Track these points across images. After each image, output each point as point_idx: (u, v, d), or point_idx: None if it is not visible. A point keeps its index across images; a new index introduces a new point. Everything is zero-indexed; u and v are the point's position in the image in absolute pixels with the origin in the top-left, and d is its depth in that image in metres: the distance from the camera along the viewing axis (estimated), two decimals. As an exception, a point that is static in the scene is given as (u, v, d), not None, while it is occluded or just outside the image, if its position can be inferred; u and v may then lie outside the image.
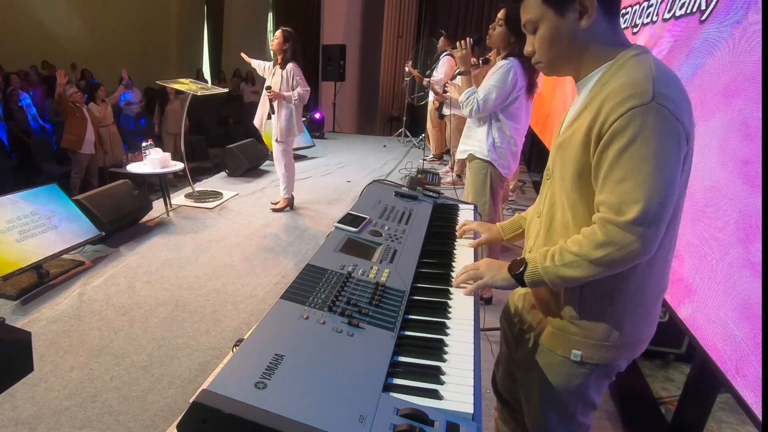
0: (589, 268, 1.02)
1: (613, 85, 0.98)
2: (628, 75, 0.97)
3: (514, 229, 1.48)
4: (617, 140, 0.94)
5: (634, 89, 0.93)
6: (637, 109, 0.92)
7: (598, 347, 1.13)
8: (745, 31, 1.50)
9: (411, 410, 0.77)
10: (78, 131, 5.49)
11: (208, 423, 0.72)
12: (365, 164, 6.71)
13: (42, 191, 3.34)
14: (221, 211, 4.59)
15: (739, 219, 1.44)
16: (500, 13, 2.46)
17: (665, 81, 0.95)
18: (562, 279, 1.06)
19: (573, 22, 1.01)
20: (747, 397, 1.36)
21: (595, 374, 1.18)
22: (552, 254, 1.08)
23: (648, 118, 0.91)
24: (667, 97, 0.92)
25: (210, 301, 2.94)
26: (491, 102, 2.50)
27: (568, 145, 1.07)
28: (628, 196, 0.94)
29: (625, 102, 0.93)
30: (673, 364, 2.57)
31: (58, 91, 5.31)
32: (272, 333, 0.91)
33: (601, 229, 0.99)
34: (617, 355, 1.14)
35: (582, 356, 1.15)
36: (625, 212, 0.95)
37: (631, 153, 0.93)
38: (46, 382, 2.18)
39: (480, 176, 2.71)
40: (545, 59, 1.09)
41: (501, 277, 1.17)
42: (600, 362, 1.15)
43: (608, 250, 0.98)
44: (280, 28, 4.18)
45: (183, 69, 10.78)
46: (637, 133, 0.92)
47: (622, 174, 0.94)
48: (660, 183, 0.92)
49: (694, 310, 1.68)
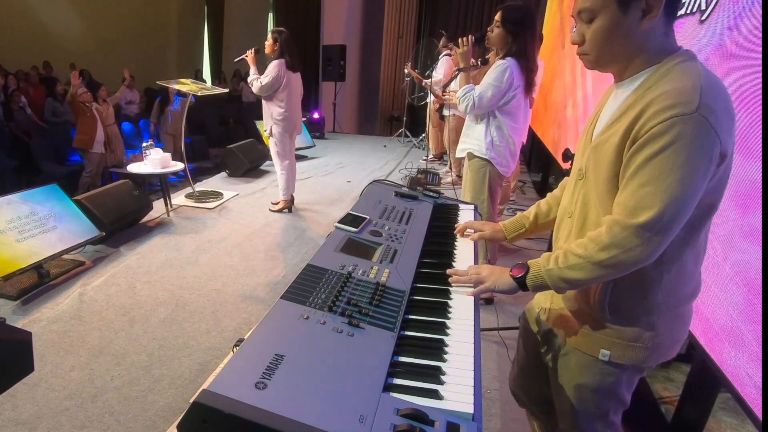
0: (592, 270, 1.02)
1: (659, 91, 0.95)
2: (676, 82, 0.94)
3: (517, 229, 1.48)
4: (651, 145, 0.93)
5: (680, 98, 0.91)
6: (678, 118, 0.90)
7: (629, 348, 1.12)
8: (744, 32, 1.50)
9: (411, 410, 0.77)
10: (89, 131, 5.53)
11: (209, 423, 0.72)
12: (365, 164, 6.71)
13: (42, 191, 3.34)
14: (222, 212, 4.59)
15: (740, 218, 1.44)
16: (497, 15, 2.48)
17: (713, 94, 0.92)
18: (565, 281, 1.06)
19: (634, 20, 0.97)
20: (747, 397, 1.36)
21: (627, 373, 1.17)
22: (556, 257, 1.08)
23: (687, 128, 0.89)
24: (710, 110, 0.90)
25: (210, 302, 2.94)
26: (486, 99, 2.52)
27: (605, 146, 1.05)
28: (646, 201, 0.94)
29: (668, 109, 0.91)
30: (673, 364, 2.56)
31: (71, 91, 5.34)
32: (272, 333, 0.91)
33: (607, 231, 0.99)
34: (647, 356, 1.13)
35: (611, 356, 1.14)
36: (638, 216, 0.94)
37: (660, 160, 0.92)
38: (47, 383, 2.18)
39: (479, 175, 2.73)
40: (594, 53, 1.04)
41: (503, 282, 1.17)
42: (629, 363, 1.14)
43: (613, 252, 0.98)
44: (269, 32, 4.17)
45: (183, 69, 10.79)
46: (671, 141, 0.90)
47: (645, 178, 0.94)
48: (680, 195, 0.92)
49: (694, 309, 1.67)
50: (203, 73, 11.42)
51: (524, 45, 2.48)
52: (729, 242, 1.50)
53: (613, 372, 1.17)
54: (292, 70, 4.15)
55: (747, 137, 1.43)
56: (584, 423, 1.27)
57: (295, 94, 4.26)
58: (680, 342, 1.17)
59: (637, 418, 2.18)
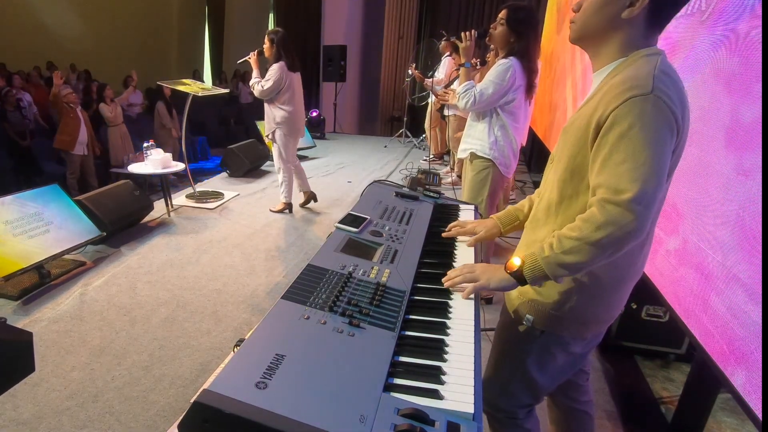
0: (590, 251, 1.02)
1: (619, 78, 1.03)
2: (633, 70, 1.03)
3: (511, 221, 1.50)
4: (617, 126, 0.99)
5: (636, 81, 0.99)
6: (636, 98, 0.97)
7: (546, 315, 1.22)
8: (744, 33, 1.51)
9: (411, 410, 0.77)
10: (72, 132, 5.49)
11: (210, 423, 0.72)
12: (366, 165, 6.71)
13: (43, 191, 3.34)
14: (222, 212, 4.60)
15: (740, 217, 1.45)
16: (501, 13, 2.47)
17: (665, 81, 1.00)
18: (563, 266, 1.05)
19: (621, 6, 1.05)
20: (747, 396, 1.36)
21: (539, 344, 1.25)
22: (550, 244, 1.08)
23: (646, 106, 0.97)
24: (663, 92, 0.98)
25: (211, 301, 2.95)
26: (487, 96, 2.51)
27: (570, 129, 1.13)
28: (628, 176, 0.97)
29: (625, 92, 0.99)
30: (673, 364, 2.57)
31: (54, 91, 5.32)
32: (273, 333, 0.91)
33: (600, 210, 1.00)
34: (560, 326, 1.21)
35: (533, 322, 1.24)
36: (624, 191, 0.97)
37: (631, 137, 0.97)
38: (48, 383, 2.18)
39: (480, 175, 2.71)
40: (580, 22, 1.13)
41: (498, 278, 1.16)
42: (545, 329, 1.23)
43: (609, 230, 0.99)
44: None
45: (184, 70, 10.81)
46: (636, 119, 0.97)
47: (622, 156, 0.98)
48: (656, 167, 0.97)
49: (695, 309, 1.68)
50: (204, 74, 11.44)
51: (527, 45, 2.47)
52: (729, 242, 1.50)
53: (528, 339, 1.27)
54: (292, 70, 4.13)
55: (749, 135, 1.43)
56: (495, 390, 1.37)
57: (297, 95, 4.22)
58: (600, 323, 1.24)
59: (637, 418, 2.18)
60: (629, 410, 2.19)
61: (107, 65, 9.43)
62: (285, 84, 4.08)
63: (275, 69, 4.03)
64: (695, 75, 1.80)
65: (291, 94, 4.14)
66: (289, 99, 4.14)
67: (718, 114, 1.61)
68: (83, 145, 5.62)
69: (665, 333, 2.48)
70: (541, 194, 1.30)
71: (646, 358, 2.60)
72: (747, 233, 1.41)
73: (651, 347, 2.55)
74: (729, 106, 1.56)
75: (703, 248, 1.65)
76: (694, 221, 1.71)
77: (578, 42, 1.17)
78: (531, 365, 1.28)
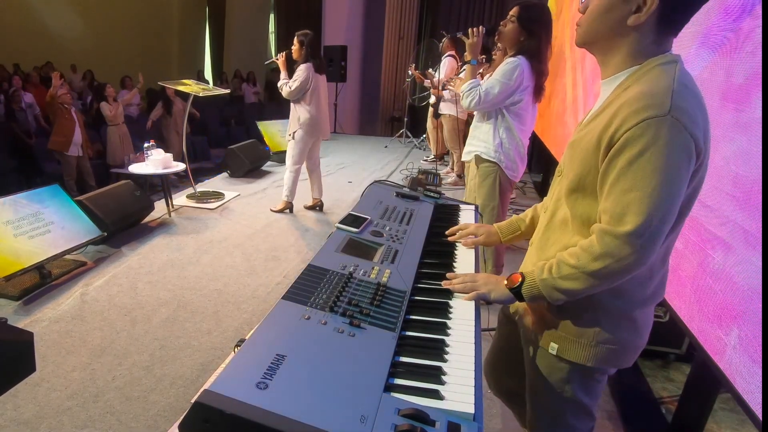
0: (587, 280, 1.01)
1: (633, 93, 0.96)
2: (649, 84, 0.95)
3: (512, 231, 1.48)
4: (628, 150, 0.93)
5: (651, 100, 0.92)
6: (651, 120, 0.90)
7: (574, 344, 1.14)
8: (744, 33, 1.51)
9: (412, 410, 0.77)
10: (67, 132, 5.48)
11: (210, 423, 0.72)
12: (366, 165, 6.71)
13: (44, 191, 3.35)
14: (223, 212, 4.60)
15: (740, 217, 1.45)
16: (513, 10, 2.37)
17: (685, 95, 0.93)
18: (559, 291, 1.06)
19: (628, 11, 0.97)
20: (747, 396, 1.36)
21: (578, 373, 1.17)
22: (549, 267, 1.07)
23: (661, 130, 0.90)
24: (683, 111, 0.90)
25: (212, 302, 2.95)
26: (492, 95, 2.41)
27: (580, 144, 1.06)
28: (632, 208, 0.93)
29: (641, 112, 0.91)
30: (673, 364, 2.57)
31: (51, 92, 5.32)
32: (274, 333, 0.91)
33: (599, 240, 0.99)
34: (592, 356, 1.12)
35: (558, 350, 1.16)
36: (626, 223, 0.94)
37: (641, 164, 0.91)
38: (48, 382, 2.18)
39: (488, 181, 2.61)
40: (585, 26, 1.06)
41: (498, 292, 1.17)
42: (575, 360, 1.14)
43: (606, 261, 0.98)
44: (294, 35, 4.14)
45: (185, 70, 10.81)
46: (648, 144, 0.90)
47: (629, 184, 0.93)
48: (665, 198, 0.92)
49: (695, 309, 1.68)
50: (205, 74, 11.43)
51: (538, 45, 2.36)
52: (729, 242, 1.50)
53: (562, 368, 1.18)
54: (319, 72, 4.16)
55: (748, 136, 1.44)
56: (542, 423, 1.29)
57: (322, 97, 4.25)
58: (634, 348, 1.15)
59: (637, 418, 2.18)
60: (629, 410, 2.19)
61: (108, 66, 9.43)
62: (311, 85, 4.10)
63: (302, 69, 4.06)
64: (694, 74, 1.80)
65: (316, 95, 4.16)
66: (314, 100, 4.16)
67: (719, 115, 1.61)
68: (78, 146, 5.61)
69: (665, 333, 2.47)
70: (546, 207, 1.26)
71: (646, 358, 2.60)
72: (747, 233, 1.41)
73: (651, 347, 2.54)
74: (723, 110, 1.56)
75: (703, 248, 1.65)
76: (694, 218, 1.71)
77: (584, 47, 1.10)
78: (579, 394, 1.21)
